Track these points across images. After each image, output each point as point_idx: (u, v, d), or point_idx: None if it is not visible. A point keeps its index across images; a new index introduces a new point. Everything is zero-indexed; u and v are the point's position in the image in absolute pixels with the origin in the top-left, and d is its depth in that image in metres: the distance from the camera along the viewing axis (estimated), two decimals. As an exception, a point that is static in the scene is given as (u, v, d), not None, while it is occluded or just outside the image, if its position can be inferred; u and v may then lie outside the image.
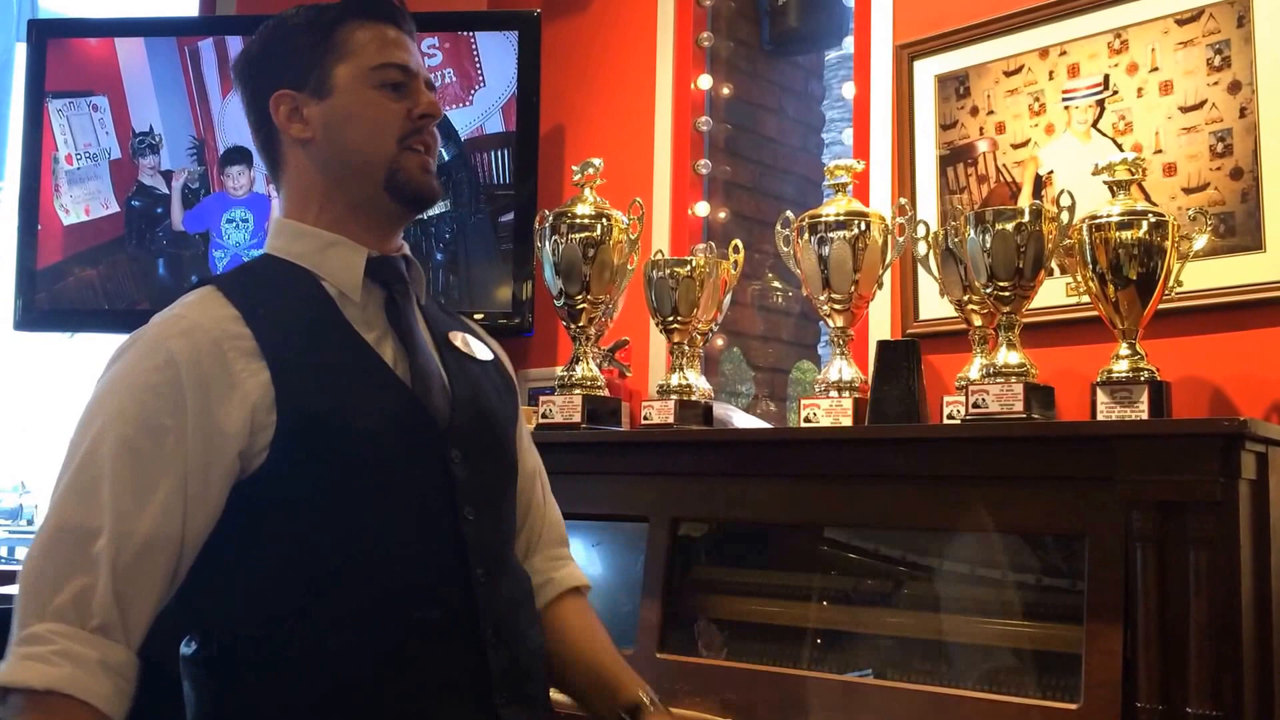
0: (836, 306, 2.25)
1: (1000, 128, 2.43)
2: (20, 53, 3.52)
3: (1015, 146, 2.40)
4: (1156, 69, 2.23)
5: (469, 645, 1.32)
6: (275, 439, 1.26)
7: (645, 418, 2.38)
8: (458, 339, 1.50)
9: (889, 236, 2.26)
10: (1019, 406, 1.89)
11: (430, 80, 1.47)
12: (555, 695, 1.52)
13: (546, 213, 2.51)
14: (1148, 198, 2.14)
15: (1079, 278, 1.97)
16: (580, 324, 2.49)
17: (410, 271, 1.46)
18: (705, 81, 3.13)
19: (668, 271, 2.41)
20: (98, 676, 1.16)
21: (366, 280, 1.40)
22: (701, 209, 3.09)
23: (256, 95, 1.44)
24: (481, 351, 1.52)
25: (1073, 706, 1.67)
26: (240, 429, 1.25)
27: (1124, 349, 1.91)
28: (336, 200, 1.41)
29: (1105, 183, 1.97)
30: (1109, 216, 1.91)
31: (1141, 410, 1.82)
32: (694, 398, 2.40)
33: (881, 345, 2.18)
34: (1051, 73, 2.36)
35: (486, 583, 1.34)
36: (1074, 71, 2.34)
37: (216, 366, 1.26)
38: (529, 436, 1.64)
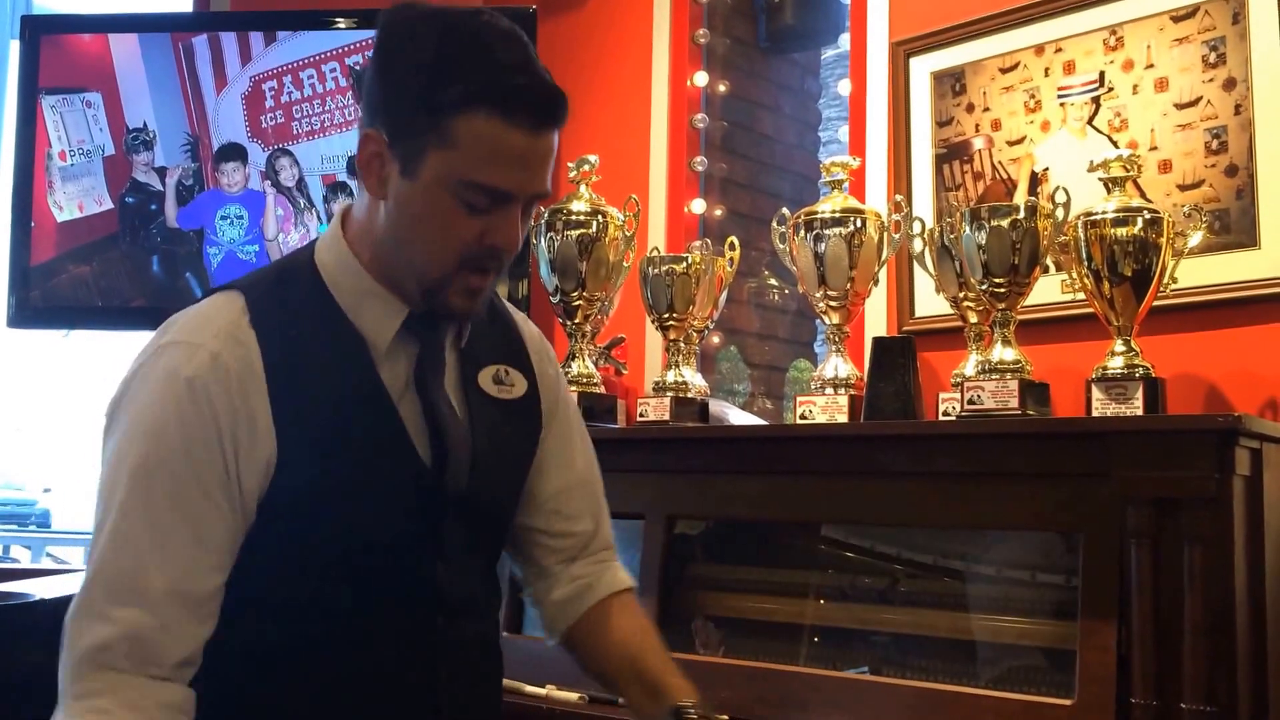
0: (832, 304, 2.25)
1: (996, 125, 2.43)
2: (13, 49, 3.50)
3: (1011, 143, 2.40)
4: (1152, 66, 2.23)
5: (423, 693, 1.32)
6: (269, 495, 1.25)
7: (641, 415, 2.38)
8: (489, 378, 1.40)
9: (885, 233, 2.27)
10: (1014, 403, 1.89)
11: (542, 192, 1.27)
12: (552, 693, 1.51)
13: (542, 209, 2.51)
14: (1143, 194, 2.13)
15: (1074, 274, 1.97)
16: (576, 321, 2.49)
17: (459, 323, 1.37)
18: (701, 79, 3.13)
19: (664, 269, 2.41)
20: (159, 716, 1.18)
21: (403, 332, 1.32)
22: (697, 206, 3.08)
23: (360, 105, 1.32)
24: (515, 386, 1.43)
25: (1067, 702, 1.67)
26: (258, 487, 1.25)
27: (1119, 346, 1.91)
28: (383, 264, 1.31)
29: (1100, 179, 1.97)
30: (1104, 213, 1.91)
31: (1136, 407, 1.82)
32: (690, 395, 2.40)
33: (877, 342, 2.18)
34: (1047, 70, 2.36)
35: (446, 629, 1.34)
36: (1069, 68, 2.34)
37: (244, 417, 1.23)
38: (582, 442, 1.54)
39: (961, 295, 2.21)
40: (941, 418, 2.16)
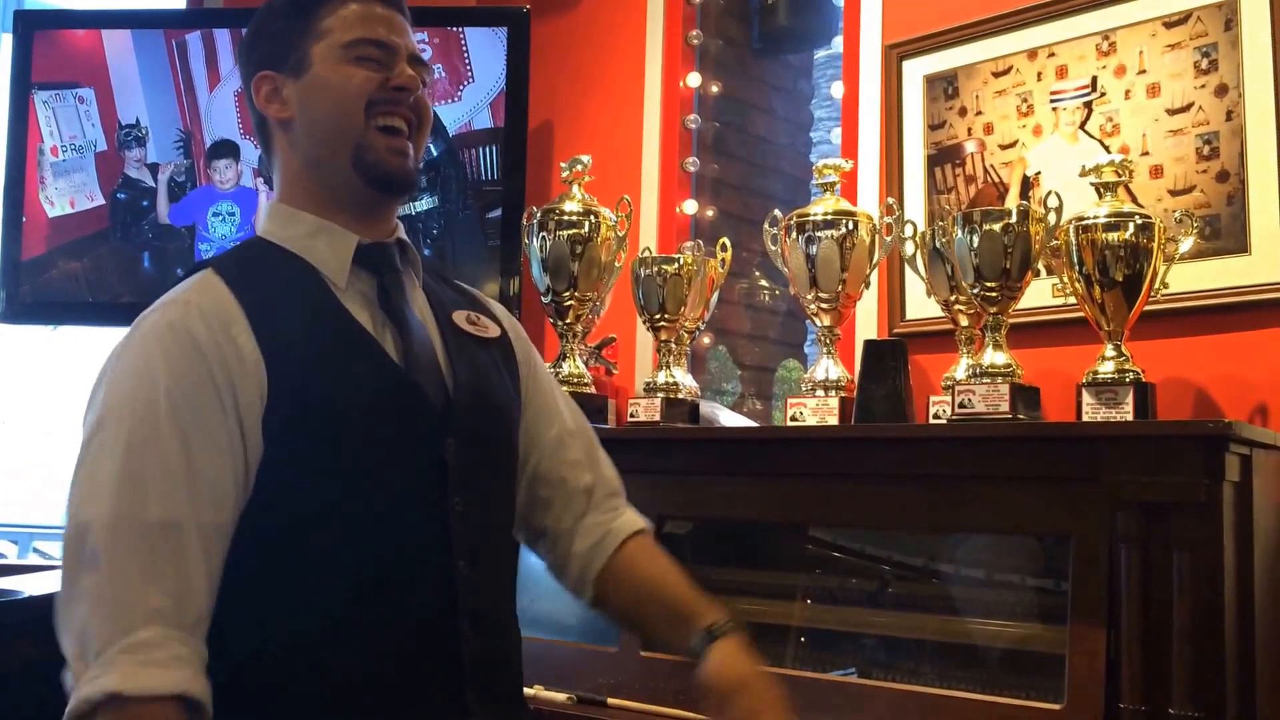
0: (824, 306, 2.25)
1: (988, 129, 2.43)
2: (6, 44, 3.49)
3: (1003, 147, 2.41)
4: (1144, 71, 2.24)
5: (444, 637, 1.30)
6: (266, 422, 1.25)
7: (631, 415, 2.37)
8: (462, 318, 1.47)
9: (876, 236, 2.27)
10: (1005, 407, 1.89)
11: (418, 56, 1.43)
12: (539, 693, 1.51)
13: (534, 209, 2.50)
14: (1134, 200, 2.14)
15: (1065, 279, 1.97)
16: (567, 321, 2.49)
17: (405, 255, 1.44)
18: (694, 79, 3.13)
19: (655, 269, 2.41)
20: (203, 679, 1.17)
21: (356, 268, 1.38)
22: (689, 207, 3.09)
23: (245, 79, 1.44)
24: (490, 328, 1.49)
25: (1056, 707, 1.67)
26: (254, 412, 1.25)
27: (1110, 350, 1.92)
28: (318, 184, 1.40)
29: (1092, 184, 1.97)
30: (1096, 218, 1.92)
31: (1126, 412, 1.83)
32: (680, 396, 2.40)
33: (868, 345, 2.18)
34: (1040, 74, 2.37)
35: (469, 575, 1.32)
36: (1062, 73, 2.34)
37: (230, 350, 1.25)
38: (564, 397, 1.59)
39: (953, 299, 2.21)
40: (932, 421, 2.16)
